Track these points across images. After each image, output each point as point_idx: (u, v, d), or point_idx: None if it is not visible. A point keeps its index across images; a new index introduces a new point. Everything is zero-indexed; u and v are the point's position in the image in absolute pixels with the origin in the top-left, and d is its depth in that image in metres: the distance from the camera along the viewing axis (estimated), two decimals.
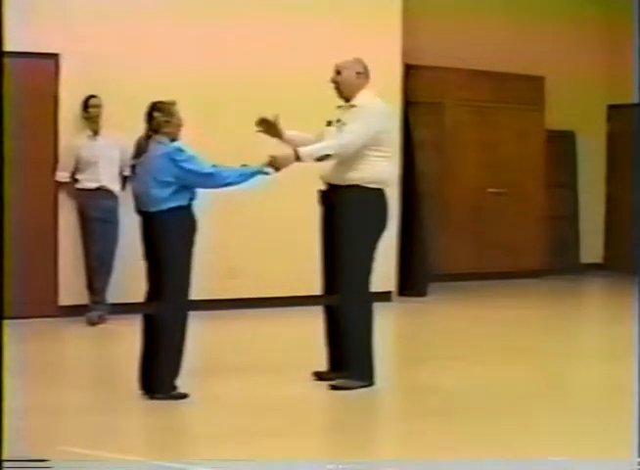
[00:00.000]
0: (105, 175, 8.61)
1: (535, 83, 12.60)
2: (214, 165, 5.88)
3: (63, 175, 8.63)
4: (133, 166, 6.06)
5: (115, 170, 8.67)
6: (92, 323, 8.40)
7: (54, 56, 8.61)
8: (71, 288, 8.68)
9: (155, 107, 5.95)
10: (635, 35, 10.91)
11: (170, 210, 5.74)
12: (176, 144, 5.87)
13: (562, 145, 13.21)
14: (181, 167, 5.72)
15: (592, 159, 13.41)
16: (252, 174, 5.87)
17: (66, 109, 8.65)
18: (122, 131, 8.65)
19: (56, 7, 8.55)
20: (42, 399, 5.78)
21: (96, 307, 8.50)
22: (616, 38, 12.81)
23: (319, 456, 4.79)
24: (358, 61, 6.26)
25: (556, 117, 12.74)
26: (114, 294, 8.64)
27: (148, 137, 5.95)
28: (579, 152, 13.41)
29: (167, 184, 5.73)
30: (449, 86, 11.93)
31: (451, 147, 12.07)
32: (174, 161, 5.73)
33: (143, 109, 9.07)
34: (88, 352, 7.81)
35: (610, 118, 13.52)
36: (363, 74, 6.22)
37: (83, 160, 8.58)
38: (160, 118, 5.90)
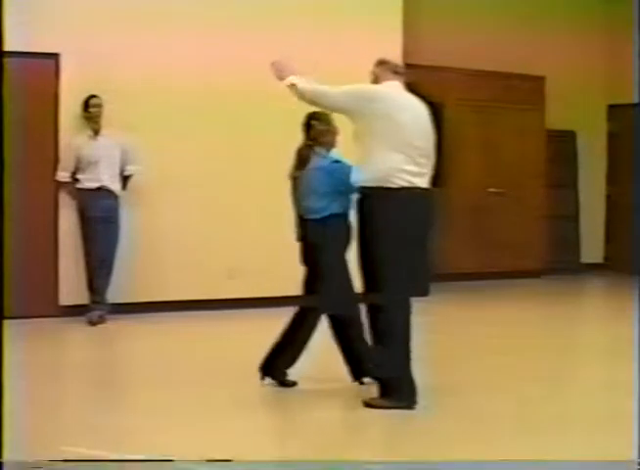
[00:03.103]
0: (105, 175, 8.61)
1: (535, 83, 12.60)
2: None
3: (63, 175, 8.63)
4: (294, 178, 6.12)
5: (116, 170, 8.68)
6: (92, 323, 8.40)
7: (54, 56, 8.59)
8: (72, 288, 8.68)
9: (313, 116, 6.08)
10: (635, 35, 10.94)
11: (327, 217, 5.96)
12: (333, 156, 6.04)
13: (562, 145, 13.22)
14: (336, 178, 5.89)
15: (592, 158, 13.42)
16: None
17: (66, 108, 8.64)
18: (123, 131, 8.67)
19: (56, 7, 8.55)
20: (42, 398, 5.77)
21: (96, 307, 8.50)
22: (616, 38, 12.82)
23: (320, 456, 4.79)
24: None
25: (556, 117, 12.75)
26: (115, 294, 8.65)
27: (307, 147, 6.07)
28: (580, 152, 13.41)
29: (325, 195, 5.93)
30: (449, 86, 11.92)
31: (451, 147, 12.06)
32: (330, 172, 5.92)
33: (143, 108, 9.10)
34: (88, 351, 7.81)
35: (610, 118, 13.52)
36: (385, 68, 5.81)
37: (84, 159, 8.58)
38: (319, 127, 6.04)
